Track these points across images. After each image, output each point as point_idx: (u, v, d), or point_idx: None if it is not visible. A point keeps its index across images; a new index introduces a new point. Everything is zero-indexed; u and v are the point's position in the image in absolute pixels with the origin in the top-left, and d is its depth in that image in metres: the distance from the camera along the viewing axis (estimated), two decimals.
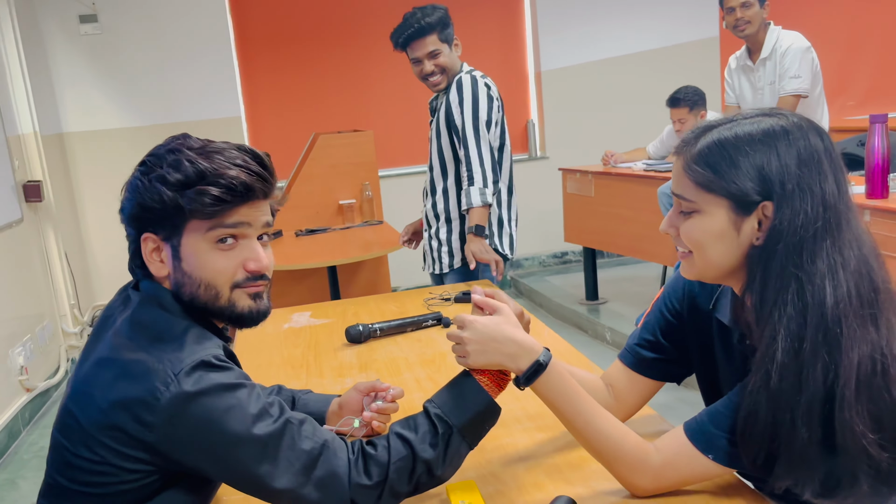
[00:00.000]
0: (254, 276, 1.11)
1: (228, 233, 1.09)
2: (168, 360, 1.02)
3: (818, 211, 1.00)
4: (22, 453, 3.44)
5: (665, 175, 3.88)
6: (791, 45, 3.46)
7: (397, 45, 2.59)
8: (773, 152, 1.01)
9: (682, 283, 1.27)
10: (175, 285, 1.11)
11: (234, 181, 1.07)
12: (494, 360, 1.13)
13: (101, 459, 1.03)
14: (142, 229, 1.12)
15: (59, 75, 4.73)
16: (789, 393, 0.98)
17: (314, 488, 1.05)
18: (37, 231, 4.22)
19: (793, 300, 1.00)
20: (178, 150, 1.09)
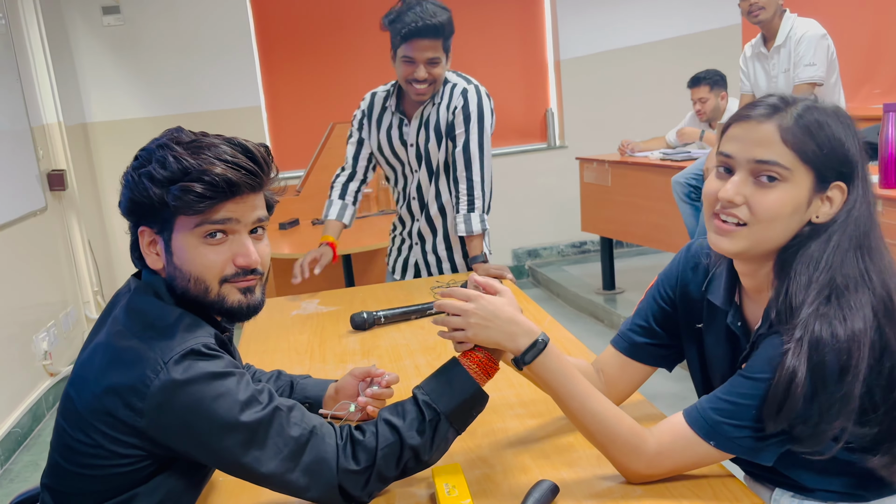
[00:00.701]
0: (244, 271, 1.13)
1: (216, 228, 1.10)
2: (159, 347, 1.05)
3: (874, 198, 1.07)
4: (45, 436, 3.53)
5: (680, 164, 3.86)
6: (806, 33, 3.41)
7: (398, 32, 2.21)
8: (853, 135, 1.05)
9: (675, 270, 1.29)
10: (168, 277, 1.14)
11: (217, 178, 1.07)
12: (494, 338, 1.14)
13: (96, 443, 1.06)
14: (137, 222, 1.14)
15: (82, 66, 4.81)
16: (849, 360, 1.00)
17: (302, 474, 1.08)
18: (61, 219, 4.31)
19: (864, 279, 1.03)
20: (167, 145, 1.10)
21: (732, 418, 1.05)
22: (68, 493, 1.12)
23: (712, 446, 1.06)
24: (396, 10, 2.23)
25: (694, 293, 1.25)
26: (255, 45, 5.10)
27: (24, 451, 3.38)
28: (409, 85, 2.27)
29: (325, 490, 1.09)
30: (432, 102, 2.36)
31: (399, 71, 2.28)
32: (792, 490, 1.19)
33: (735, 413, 1.05)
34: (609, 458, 1.13)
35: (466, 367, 1.16)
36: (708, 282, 1.22)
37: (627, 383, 1.33)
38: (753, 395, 1.04)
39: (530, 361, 1.14)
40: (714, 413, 1.07)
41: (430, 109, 2.37)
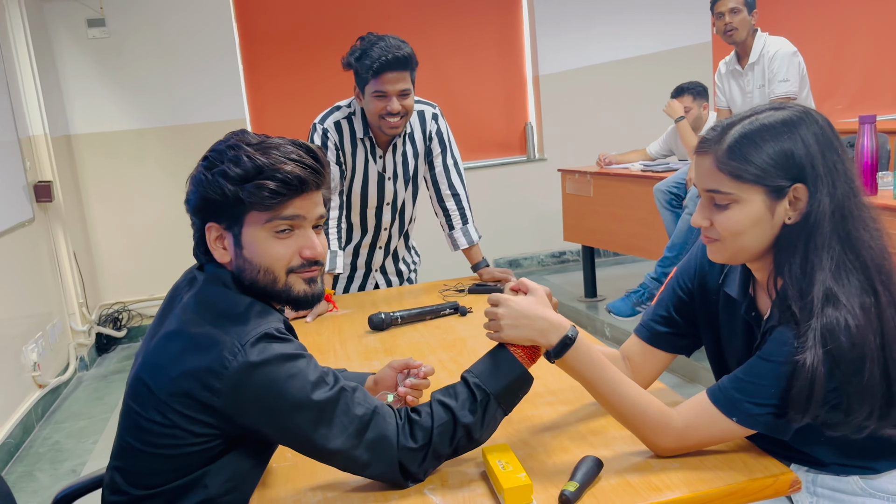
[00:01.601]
0: (309, 262, 1.22)
1: (286, 224, 1.19)
2: (234, 332, 1.13)
3: (849, 186, 1.15)
4: (37, 447, 3.52)
5: (661, 175, 4.01)
6: (778, 51, 3.60)
7: (368, 69, 2.18)
8: (797, 138, 1.14)
9: (693, 263, 1.39)
10: (237, 270, 1.21)
11: (289, 175, 1.16)
12: (525, 335, 1.23)
13: (172, 423, 1.13)
14: (205, 219, 1.22)
15: (66, 78, 4.81)
16: (863, 343, 1.10)
17: (366, 450, 1.16)
18: (47, 231, 4.30)
19: (853, 265, 1.14)
20: (237, 145, 1.19)
21: (753, 397, 1.15)
22: (141, 472, 1.18)
23: (734, 422, 1.17)
24: (360, 48, 2.24)
25: (711, 285, 1.36)
26: (239, 58, 5.15)
27: (16, 463, 3.37)
28: (383, 120, 2.25)
29: (386, 466, 1.17)
30: (402, 133, 2.39)
31: (370, 107, 2.25)
32: (807, 465, 1.30)
33: (755, 392, 1.15)
34: (639, 436, 1.23)
35: (512, 352, 1.25)
36: (724, 275, 1.33)
37: (651, 369, 1.43)
38: (771, 375, 1.14)
39: (560, 355, 1.23)
40: (735, 392, 1.17)
41: (399, 139, 2.40)
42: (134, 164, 4.97)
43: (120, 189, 4.98)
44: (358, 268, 2.58)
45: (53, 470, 3.28)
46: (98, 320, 4.88)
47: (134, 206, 5.00)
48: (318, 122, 2.40)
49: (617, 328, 4.15)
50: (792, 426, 1.15)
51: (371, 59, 2.18)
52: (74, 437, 3.60)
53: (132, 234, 5.01)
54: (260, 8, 5.19)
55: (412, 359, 1.50)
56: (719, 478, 1.15)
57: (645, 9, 5.63)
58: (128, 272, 5.04)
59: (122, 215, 5.00)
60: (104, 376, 4.47)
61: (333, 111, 2.41)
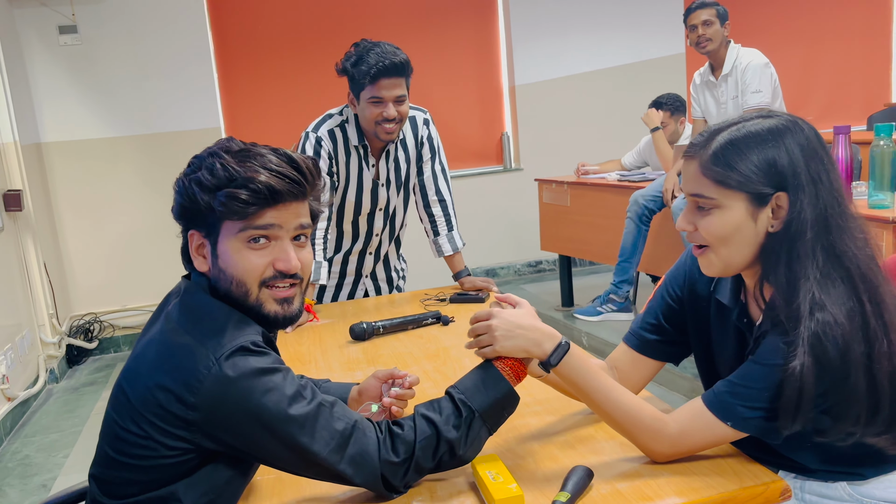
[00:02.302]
0: (282, 275, 1.17)
1: (259, 233, 1.15)
2: (210, 344, 1.10)
3: (832, 196, 1.15)
4: (6, 461, 3.44)
5: (638, 185, 4.04)
6: (751, 62, 3.65)
7: (365, 74, 2.18)
8: (782, 147, 1.15)
9: (682, 270, 1.40)
10: (213, 279, 1.19)
11: (260, 185, 1.13)
12: (520, 345, 1.23)
13: (146, 434, 1.10)
14: (187, 227, 1.19)
15: (37, 85, 4.73)
16: (848, 350, 1.11)
17: (348, 464, 1.14)
18: (16, 241, 4.21)
19: (837, 274, 1.14)
20: (217, 153, 1.16)
21: (747, 401, 1.16)
22: (115, 482, 1.15)
23: (728, 426, 1.17)
24: (355, 54, 2.22)
25: (701, 291, 1.37)
26: (214, 66, 5.10)
27: None
28: (379, 126, 2.24)
29: (369, 479, 1.16)
30: (393, 142, 2.39)
31: (365, 113, 2.24)
32: (794, 471, 1.31)
33: (749, 396, 1.16)
34: (635, 442, 1.23)
35: (499, 370, 1.24)
36: (716, 282, 1.34)
37: (639, 378, 1.43)
38: (764, 379, 1.15)
39: (557, 363, 1.23)
40: (730, 396, 1.18)
41: (391, 146, 2.40)
42: (106, 172, 4.90)
43: (92, 198, 4.90)
44: (347, 274, 2.55)
45: (23, 485, 3.20)
46: (69, 332, 4.78)
47: (106, 216, 4.92)
48: (310, 130, 2.37)
49: (594, 337, 4.16)
50: (783, 431, 1.16)
51: (368, 64, 2.18)
52: (44, 451, 3.52)
53: (104, 244, 4.93)
54: (235, 15, 5.16)
55: (397, 369, 1.48)
56: (710, 486, 1.15)
57: (620, 20, 5.69)
58: (99, 283, 4.96)
59: (93, 225, 4.92)
60: (75, 388, 4.38)
61: (326, 119, 2.38)
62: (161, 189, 4.89)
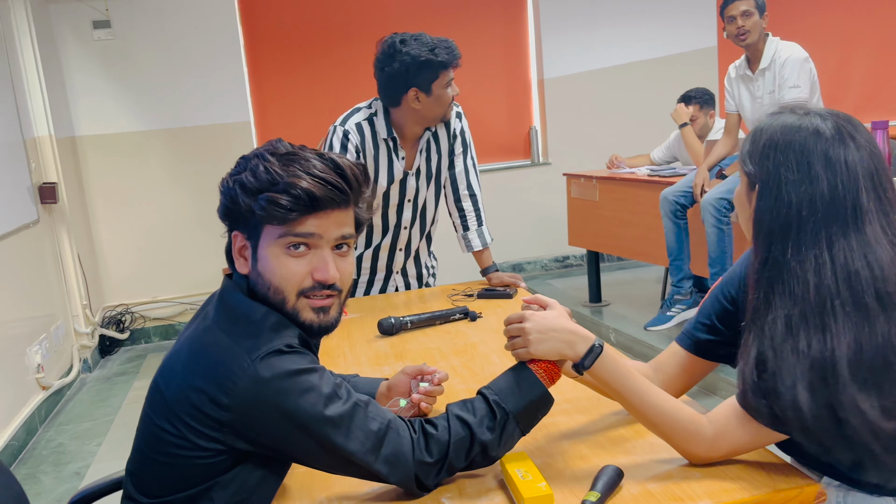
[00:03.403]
0: (321, 285, 1.15)
1: (298, 241, 1.14)
2: (246, 345, 1.10)
3: (800, 207, 1.11)
4: (40, 449, 3.51)
5: (668, 180, 3.99)
6: (790, 56, 3.57)
7: (441, 65, 2.22)
8: (776, 145, 1.15)
9: (738, 273, 1.37)
10: (252, 282, 1.18)
11: (301, 191, 1.11)
12: (554, 348, 1.22)
13: (180, 434, 1.10)
14: (231, 227, 1.19)
15: (72, 79, 4.81)
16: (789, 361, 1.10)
17: (383, 464, 1.14)
18: (51, 232, 4.29)
19: (781, 279, 1.13)
20: (262, 155, 1.15)
21: None
22: (149, 479, 1.16)
23: (764, 426, 1.15)
24: (425, 46, 2.21)
25: None
26: (244, 60, 5.14)
27: (20, 465, 3.35)
28: (448, 108, 2.33)
29: (403, 478, 1.16)
30: (427, 129, 2.40)
31: (444, 99, 2.28)
32: (839, 479, 1.27)
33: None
34: (672, 444, 1.21)
35: (534, 371, 1.23)
36: None
37: (688, 379, 1.40)
38: None
39: (590, 365, 1.22)
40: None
41: (426, 135, 2.41)
42: (138, 165, 4.96)
43: (124, 191, 4.97)
44: (378, 270, 2.55)
45: (57, 472, 3.26)
46: (101, 322, 4.86)
47: (138, 208, 4.99)
48: (338, 123, 2.38)
49: (622, 333, 4.13)
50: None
51: (448, 51, 2.24)
52: (78, 440, 3.58)
53: (136, 235, 5.00)
54: (265, 10, 5.19)
55: (426, 365, 1.48)
56: (743, 488, 1.13)
57: (650, 12, 5.63)
58: (131, 274, 5.03)
59: (125, 217, 4.99)
60: (107, 378, 4.45)
61: (354, 113, 2.39)
62: (191, 182, 4.96)
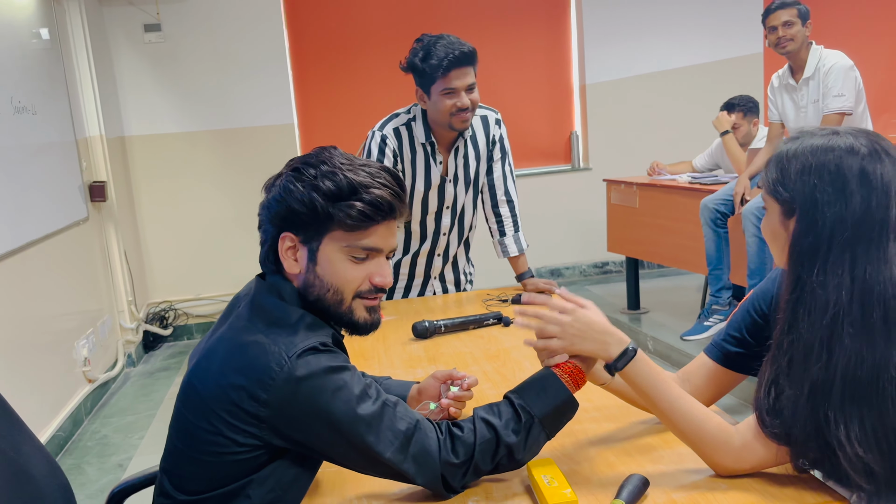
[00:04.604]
0: (377, 289, 1.23)
1: (365, 253, 1.21)
2: (283, 343, 1.14)
3: (833, 227, 1.11)
4: (85, 440, 3.61)
5: (710, 188, 3.96)
6: (834, 64, 3.51)
7: (437, 68, 2.19)
8: (811, 168, 1.13)
9: (771, 287, 1.36)
10: (304, 284, 1.22)
11: (380, 199, 1.18)
12: (589, 347, 1.24)
13: (217, 430, 1.14)
14: (283, 228, 1.21)
15: (122, 81, 4.94)
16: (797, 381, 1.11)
17: (411, 464, 1.16)
18: (100, 230, 4.42)
19: (803, 300, 1.13)
20: (330, 161, 1.20)
21: None
22: (185, 476, 1.19)
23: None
24: (422, 49, 2.24)
25: None
26: (289, 64, 5.22)
27: (65, 455, 3.46)
28: (454, 116, 2.26)
29: (430, 479, 1.18)
30: (462, 136, 2.40)
31: (439, 106, 2.25)
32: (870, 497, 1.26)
33: None
34: (699, 453, 1.21)
35: (559, 376, 1.25)
36: None
37: (715, 390, 1.40)
38: None
39: (622, 367, 1.23)
40: None
41: (461, 142, 2.41)
42: (185, 165, 5.08)
43: (170, 190, 5.09)
44: (416, 276, 2.58)
45: (101, 464, 3.36)
46: (145, 318, 4.99)
47: (183, 208, 5.10)
48: (376, 129, 2.41)
49: (660, 341, 4.10)
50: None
51: (437, 58, 2.20)
52: (121, 432, 3.69)
53: (181, 234, 5.12)
54: (310, 15, 5.27)
55: (456, 370, 1.50)
56: (768, 502, 1.13)
57: (695, 19, 5.57)
58: (175, 272, 5.15)
59: (171, 216, 5.11)
60: (150, 373, 4.56)
61: (392, 118, 2.42)
62: (235, 183, 5.06)
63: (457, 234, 2.56)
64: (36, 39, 3.75)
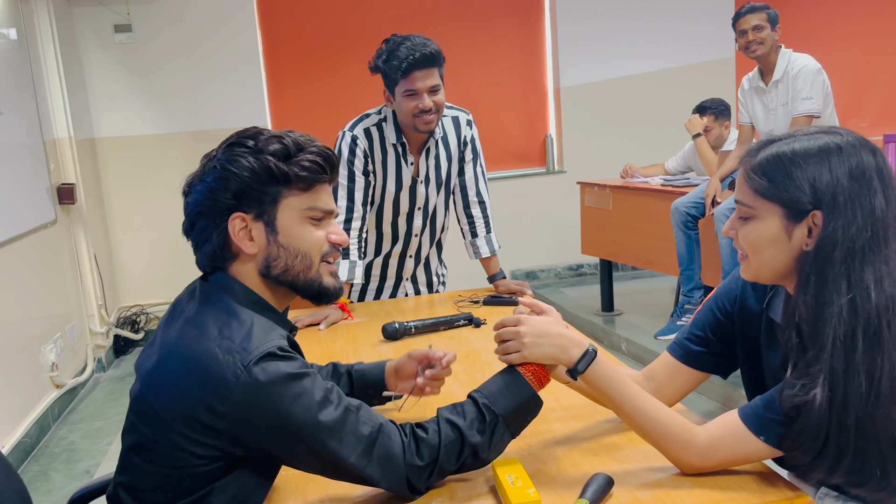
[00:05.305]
0: (334, 248, 1.23)
1: (321, 213, 1.21)
2: (237, 351, 1.09)
3: (868, 223, 1.11)
4: (52, 447, 3.55)
5: (682, 190, 3.98)
6: (803, 67, 3.56)
7: (397, 69, 2.19)
8: (826, 166, 1.12)
9: (734, 286, 1.37)
10: (266, 261, 1.18)
11: (325, 151, 1.20)
12: (548, 353, 1.23)
13: (175, 444, 1.10)
14: (230, 211, 1.16)
15: (92, 82, 4.88)
16: (843, 387, 1.08)
17: (374, 468, 1.14)
18: (69, 233, 4.35)
19: (845, 303, 1.10)
20: (261, 132, 1.19)
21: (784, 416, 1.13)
22: (144, 489, 1.16)
23: (762, 441, 1.15)
24: (386, 50, 2.24)
25: (752, 307, 1.33)
26: (262, 64, 5.19)
27: (32, 462, 3.40)
28: (417, 118, 2.25)
29: (395, 482, 1.17)
30: (432, 137, 2.37)
31: (402, 107, 2.25)
32: (837, 490, 1.26)
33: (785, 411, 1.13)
34: (664, 452, 1.21)
35: (523, 374, 1.24)
36: (769, 299, 1.31)
37: (679, 389, 1.40)
38: None
39: (584, 370, 1.22)
40: (766, 410, 1.15)
41: (432, 143, 2.39)
42: (156, 168, 5.02)
43: (141, 193, 5.03)
44: (388, 277, 2.56)
45: (68, 470, 3.31)
46: (116, 322, 4.92)
47: (154, 210, 5.04)
48: (347, 129, 2.40)
49: (633, 343, 4.12)
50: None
51: (398, 59, 2.19)
52: (90, 438, 3.63)
53: (152, 237, 5.05)
54: (283, 15, 5.24)
55: (432, 348, 1.47)
56: (732, 499, 1.13)
57: (668, 23, 5.62)
58: (147, 275, 5.08)
59: (142, 219, 5.04)
60: (121, 378, 4.50)
61: (363, 118, 2.41)
62: None
63: (429, 235, 2.55)
64: (3, 40, 3.68)
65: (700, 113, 4.24)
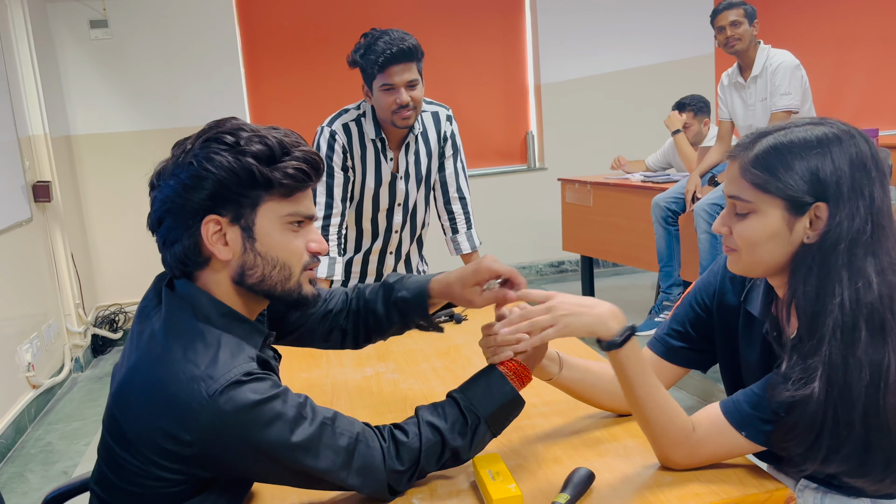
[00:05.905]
0: (315, 257, 1.15)
1: (301, 218, 1.12)
2: (201, 379, 1.03)
3: (869, 213, 1.10)
4: (29, 448, 3.50)
5: (661, 186, 4.00)
6: (781, 63, 3.59)
7: (374, 64, 2.16)
8: (828, 157, 1.10)
9: (713, 280, 1.35)
10: (241, 268, 1.10)
11: (311, 156, 1.10)
12: (587, 323, 1.17)
13: (143, 468, 1.06)
14: (204, 212, 1.08)
15: (68, 78, 4.81)
16: (843, 379, 1.07)
17: (355, 478, 1.12)
18: (44, 231, 4.29)
19: (847, 294, 1.09)
20: (242, 127, 1.09)
21: (765, 412, 1.13)
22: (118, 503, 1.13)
23: (743, 436, 1.15)
24: (364, 44, 2.22)
25: (731, 301, 1.32)
26: (241, 61, 5.15)
27: (8, 463, 3.35)
28: (395, 114, 2.22)
29: (376, 488, 1.15)
30: (412, 132, 2.37)
31: (380, 102, 2.22)
32: (816, 482, 1.27)
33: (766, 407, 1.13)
34: (655, 444, 1.20)
35: (504, 374, 1.22)
36: (747, 292, 1.30)
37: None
38: None
39: (622, 344, 1.17)
40: (748, 406, 1.15)
41: (411, 138, 2.37)
42: (133, 165, 4.96)
43: (119, 190, 4.97)
44: (368, 274, 2.54)
45: (44, 471, 3.26)
46: (94, 322, 4.86)
47: (132, 208, 4.98)
48: (325, 124, 2.37)
49: None
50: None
51: (376, 53, 2.16)
52: (67, 439, 3.58)
53: (130, 235, 4.99)
54: (262, 11, 5.20)
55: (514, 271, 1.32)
56: (712, 492, 1.13)
57: (648, 20, 5.64)
58: (125, 274, 5.03)
59: (120, 217, 4.99)
60: (99, 378, 4.45)
61: (341, 114, 2.38)
62: None
63: (409, 231, 2.54)
64: None
65: (679, 109, 4.26)
